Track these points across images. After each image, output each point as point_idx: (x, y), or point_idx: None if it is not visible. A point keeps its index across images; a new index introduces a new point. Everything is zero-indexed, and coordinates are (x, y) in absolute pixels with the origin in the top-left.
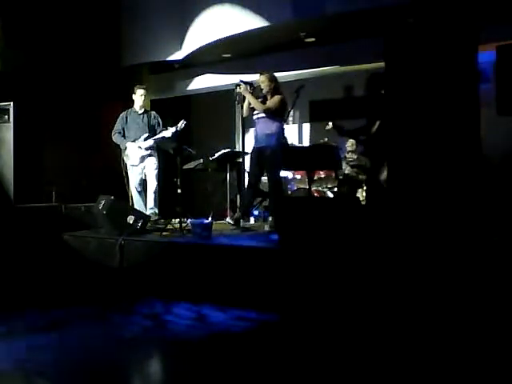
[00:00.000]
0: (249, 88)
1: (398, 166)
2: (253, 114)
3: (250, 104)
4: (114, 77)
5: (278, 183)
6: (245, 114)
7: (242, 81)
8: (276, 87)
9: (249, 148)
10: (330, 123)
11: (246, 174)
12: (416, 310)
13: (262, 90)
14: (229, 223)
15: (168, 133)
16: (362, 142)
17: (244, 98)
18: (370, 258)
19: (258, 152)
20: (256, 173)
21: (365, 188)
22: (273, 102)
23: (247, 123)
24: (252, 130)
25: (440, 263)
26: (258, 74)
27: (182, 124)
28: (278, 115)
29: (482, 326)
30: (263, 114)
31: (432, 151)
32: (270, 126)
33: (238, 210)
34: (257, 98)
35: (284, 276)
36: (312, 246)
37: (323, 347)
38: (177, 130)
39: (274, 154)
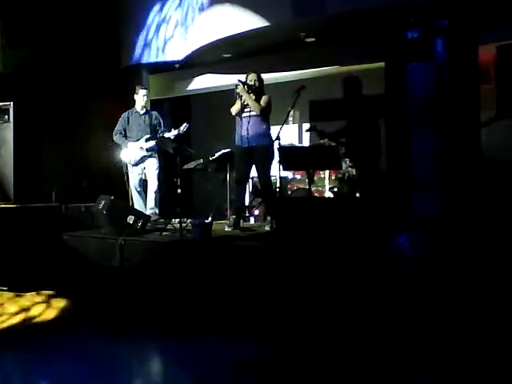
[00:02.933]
0: (246, 88)
1: (398, 166)
2: (242, 112)
3: (243, 103)
4: (114, 77)
5: (270, 182)
6: (235, 113)
7: (240, 81)
8: (262, 87)
9: None
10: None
11: (234, 173)
12: (417, 310)
13: (254, 87)
14: (227, 230)
15: (170, 135)
16: (342, 145)
17: (242, 97)
18: (370, 257)
19: (248, 151)
20: (247, 172)
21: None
22: (264, 101)
23: (232, 123)
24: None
25: (439, 263)
26: (250, 73)
27: (184, 127)
28: (267, 115)
29: (482, 326)
30: (255, 113)
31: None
32: (262, 126)
33: (231, 215)
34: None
35: (283, 276)
36: (312, 246)
37: (321, 347)
38: (179, 133)
39: (266, 153)
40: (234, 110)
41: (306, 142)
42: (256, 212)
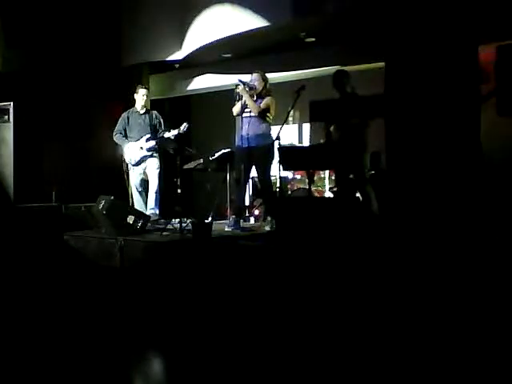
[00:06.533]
0: (247, 88)
1: (398, 166)
2: (243, 112)
3: (243, 103)
4: (114, 77)
5: (269, 183)
6: (236, 113)
7: (240, 81)
8: (268, 88)
9: None
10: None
11: (234, 173)
12: (416, 310)
13: (254, 87)
14: (227, 230)
15: (170, 135)
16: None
17: (242, 97)
18: (369, 257)
19: (248, 152)
20: (247, 172)
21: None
22: (265, 103)
23: (232, 123)
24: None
25: (439, 263)
26: (254, 72)
27: (184, 127)
28: (267, 116)
29: (482, 326)
30: (255, 114)
31: (432, 151)
32: (261, 127)
33: (231, 215)
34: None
35: (283, 276)
36: (312, 246)
37: (322, 348)
38: (179, 133)
39: (266, 154)
40: (235, 110)
41: (306, 142)
42: (256, 212)
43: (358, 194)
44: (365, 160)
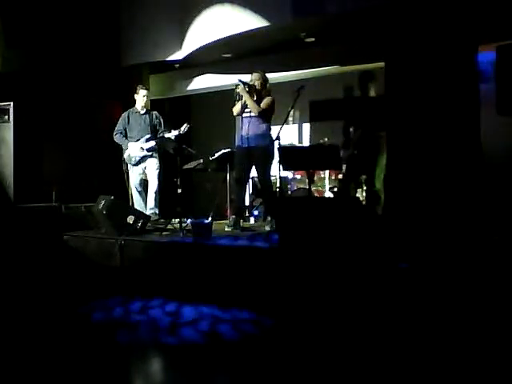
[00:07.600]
0: (247, 88)
1: (398, 166)
2: (243, 112)
3: (243, 103)
4: (113, 77)
5: (269, 182)
6: (236, 113)
7: (240, 81)
8: (268, 88)
9: None
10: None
11: (234, 173)
12: (416, 310)
13: (255, 87)
14: (227, 230)
15: (170, 135)
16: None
17: (242, 97)
18: (370, 257)
19: (248, 151)
20: (247, 172)
21: (365, 188)
22: (265, 103)
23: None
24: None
25: (440, 263)
26: (254, 72)
27: (185, 128)
28: (268, 116)
29: (482, 326)
30: (255, 114)
31: (432, 151)
32: (261, 127)
33: (231, 215)
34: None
35: (283, 276)
36: (312, 246)
37: (322, 350)
38: (179, 133)
39: (266, 154)
40: (235, 110)
41: (306, 142)
42: (256, 212)
43: (358, 194)
44: (381, 162)
